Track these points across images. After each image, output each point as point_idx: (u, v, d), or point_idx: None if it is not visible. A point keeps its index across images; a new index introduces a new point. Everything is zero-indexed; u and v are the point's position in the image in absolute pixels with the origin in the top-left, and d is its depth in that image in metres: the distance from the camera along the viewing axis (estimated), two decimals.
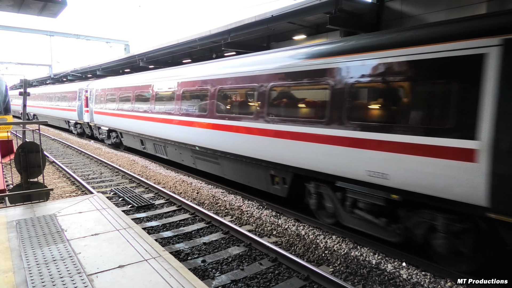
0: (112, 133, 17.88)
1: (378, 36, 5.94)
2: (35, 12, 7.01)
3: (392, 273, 5.25)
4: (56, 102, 26.35)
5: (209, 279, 5.10)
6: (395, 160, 5.21)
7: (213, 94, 9.43)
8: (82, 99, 20.81)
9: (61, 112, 25.43)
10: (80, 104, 21.22)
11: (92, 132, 21.03)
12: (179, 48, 17.04)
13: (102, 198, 5.81)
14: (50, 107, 27.92)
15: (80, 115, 21.44)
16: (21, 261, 3.53)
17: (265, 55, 8.32)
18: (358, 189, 5.92)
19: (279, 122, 7.30)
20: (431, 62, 4.85)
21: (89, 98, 19.66)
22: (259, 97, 7.81)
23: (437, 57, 4.78)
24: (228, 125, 8.75)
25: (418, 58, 4.98)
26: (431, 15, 9.56)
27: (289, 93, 7.35)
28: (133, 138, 15.29)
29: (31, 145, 5.77)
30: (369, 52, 5.65)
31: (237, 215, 7.83)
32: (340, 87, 6.04)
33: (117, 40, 32.83)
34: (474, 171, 4.39)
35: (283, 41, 14.91)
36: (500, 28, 4.32)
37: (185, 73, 11.30)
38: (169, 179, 11.03)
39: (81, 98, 20.98)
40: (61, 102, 25.11)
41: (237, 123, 8.46)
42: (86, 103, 20.04)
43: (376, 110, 5.76)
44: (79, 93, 21.37)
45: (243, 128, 8.25)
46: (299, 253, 6.02)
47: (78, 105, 21.45)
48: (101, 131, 19.05)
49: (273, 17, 11.18)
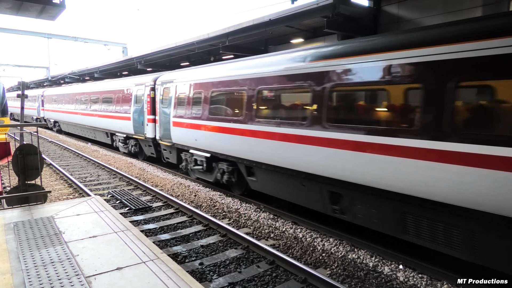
0: (223, 167, 9.45)
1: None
2: (33, 14, 7.03)
3: (389, 275, 5.27)
4: (92, 105, 19.23)
5: (207, 282, 5.11)
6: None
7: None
8: (143, 102, 13.58)
9: (101, 121, 17.89)
10: (139, 109, 13.94)
11: (160, 155, 13.34)
12: (177, 51, 17.10)
13: (99, 200, 5.81)
14: (80, 113, 20.86)
15: (138, 126, 14.04)
16: (19, 263, 3.53)
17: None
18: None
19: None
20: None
21: (160, 100, 12.55)
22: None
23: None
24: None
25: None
26: (428, 19, 9.65)
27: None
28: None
29: (29, 147, 5.77)
30: None
31: (235, 218, 7.84)
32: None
33: (115, 42, 32.81)
34: None
35: (281, 45, 15.00)
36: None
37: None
38: (166, 181, 11.03)
39: (140, 100, 13.86)
40: (101, 106, 17.93)
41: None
42: (151, 107, 13.07)
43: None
44: (136, 92, 14.32)
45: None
46: (297, 255, 6.04)
47: (136, 110, 14.19)
48: (190, 157, 10.94)
49: (271, 20, 11.24)
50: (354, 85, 6.15)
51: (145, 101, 13.46)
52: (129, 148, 15.69)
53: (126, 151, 16.07)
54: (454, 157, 4.56)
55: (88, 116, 19.69)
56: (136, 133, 14.26)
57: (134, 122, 14.27)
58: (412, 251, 5.88)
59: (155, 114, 12.84)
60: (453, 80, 4.65)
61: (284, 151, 7.15)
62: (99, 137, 19.40)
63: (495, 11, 8.42)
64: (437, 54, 4.82)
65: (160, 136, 12.39)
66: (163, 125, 12.06)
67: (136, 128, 14.18)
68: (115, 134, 16.91)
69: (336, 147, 6.08)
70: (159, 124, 12.44)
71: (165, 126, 11.93)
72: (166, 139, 11.94)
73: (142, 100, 13.68)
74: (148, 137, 13.35)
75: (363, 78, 5.86)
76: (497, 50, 4.23)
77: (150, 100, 13.11)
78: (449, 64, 4.69)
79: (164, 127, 11.98)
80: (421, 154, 4.92)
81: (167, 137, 11.80)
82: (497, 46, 4.23)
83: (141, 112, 13.70)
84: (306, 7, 10.23)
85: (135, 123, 14.20)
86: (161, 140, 12.38)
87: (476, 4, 8.81)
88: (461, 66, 4.59)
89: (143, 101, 13.63)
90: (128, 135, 15.33)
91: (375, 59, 5.60)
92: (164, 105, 12.13)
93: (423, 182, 4.93)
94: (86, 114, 20.02)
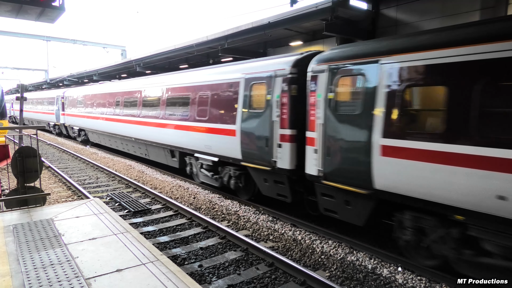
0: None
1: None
2: (33, 17, 7.04)
3: (388, 277, 5.29)
4: (146, 109, 13.26)
5: (206, 284, 5.11)
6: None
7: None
8: (270, 104, 7.81)
9: (162, 133, 12.04)
10: (258, 116, 8.16)
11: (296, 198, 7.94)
12: (176, 53, 17.11)
13: (99, 202, 5.81)
14: (123, 120, 15.05)
15: (254, 148, 8.32)
16: (18, 265, 3.53)
17: None
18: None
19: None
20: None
21: (324, 102, 6.64)
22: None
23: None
24: None
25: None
26: (426, 23, 9.71)
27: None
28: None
29: (28, 149, 5.77)
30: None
31: (234, 220, 7.85)
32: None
33: (114, 45, 32.82)
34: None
35: (280, 47, 15.05)
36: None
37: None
38: (165, 184, 11.02)
39: (261, 101, 8.15)
40: (164, 111, 12.01)
41: None
42: (291, 114, 7.44)
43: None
44: (249, 89, 8.47)
45: None
46: (296, 258, 6.05)
47: (249, 117, 8.43)
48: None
49: (270, 23, 11.29)
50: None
51: (275, 104, 7.65)
52: (223, 179, 9.54)
53: (217, 184, 9.83)
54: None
55: (137, 125, 13.81)
56: (248, 158, 8.41)
57: (247, 139, 8.38)
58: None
59: (297, 126, 7.36)
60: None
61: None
62: (155, 156, 13.25)
63: (493, 15, 8.49)
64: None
65: (326, 172, 6.54)
66: (340, 151, 6.32)
67: (249, 150, 8.34)
68: (191, 155, 10.81)
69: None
70: (322, 148, 6.59)
71: (346, 153, 6.22)
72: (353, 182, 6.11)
73: (268, 102, 7.81)
74: (282, 168, 7.53)
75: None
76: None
77: (288, 101, 7.41)
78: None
79: (345, 156, 6.25)
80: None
81: (358, 178, 5.99)
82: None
83: (264, 122, 7.89)
84: (305, 10, 10.28)
85: (248, 141, 8.35)
86: (329, 180, 6.51)
87: (474, 8, 8.88)
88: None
89: (269, 103, 7.78)
90: (225, 159, 9.21)
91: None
92: (343, 112, 6.32)
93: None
94: (132, 122, 14.18)
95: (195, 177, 11.05)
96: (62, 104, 23.82)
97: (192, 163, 10.92)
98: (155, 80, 13.64)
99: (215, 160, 9.54)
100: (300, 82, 7.31)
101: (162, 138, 11.99)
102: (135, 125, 13.94)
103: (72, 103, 22.31)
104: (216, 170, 9.81)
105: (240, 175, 8.96)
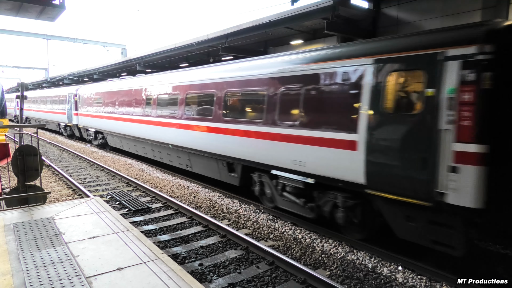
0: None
1: None
2: (33, 16, 7.03)
3: (388, 276, 5.29)
4: (196, 109, 10.40)
5: (207, 282, 5.11)
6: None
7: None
8: (438, 105, 4.85)
9: (223, 142, 9.00)
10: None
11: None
12: (177, 52, 17.11)
13: (99, 201, 5.82)
14: (156, 122, 12.30)
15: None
16: (19, 264, 3.54)
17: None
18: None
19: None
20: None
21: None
22: None
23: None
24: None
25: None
26: (427, 22, 9.70)
27: None
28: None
29: (28, 148, 5.77)
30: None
31: (234, 219, 7.85)
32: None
33: (114, 44, 32.79)
34: None
35: (280, 46, 15.03)
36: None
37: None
38: (166, 183, 11.03)
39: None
40: (231, 111, 8.98)
41: None
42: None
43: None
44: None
45: None
46: (296, 256, 6.05)
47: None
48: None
49: (270, 22, 11.28)
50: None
51: (444, 103, 4.84)
52: (322, 209, 6.85)
53: (310, 215, 7.13)
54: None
55: (177, 129, 11.00)
56: (379, 183, 5.63)
57: (380, 155, 5.57)
58: (411, 252, 5.90)
59: (488, 140, 4.59)
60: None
61: None
62: (202, 168, 10.50)
63: (494, 14, 8.46)
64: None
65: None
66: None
67: (383, 172, 5.55)
68: (263, 172, 8.08)
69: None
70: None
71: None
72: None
73: (430, 101, 5.02)
74: (456, 205, 4.77)
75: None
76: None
77: (476, 99, 4.60)
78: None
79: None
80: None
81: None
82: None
83: (419, 131, 5.12)
84: (306, 9, 10.27)
85: (383, 158, 5.54)
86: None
87: (475, 7, 8.86)
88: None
89: (432, 102, 4.98)
90: (329, 181, 6.44)
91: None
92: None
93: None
94: (170, 125, 11.39)
95: (265, 200, 8.39)
96: (75, 102, 20.82)
97: (264, 182, 8.16)
98: (209, 72, 10.22)
99: (310, 182, 6.81)
100: (496, 68, 4.55)
101: (217, 146, 9.20)
102: (174, 129, 11.10)
103: (87, 102, 19.31)
104: (309, 196, 7.07)
105: (355, 205, 6.27)
